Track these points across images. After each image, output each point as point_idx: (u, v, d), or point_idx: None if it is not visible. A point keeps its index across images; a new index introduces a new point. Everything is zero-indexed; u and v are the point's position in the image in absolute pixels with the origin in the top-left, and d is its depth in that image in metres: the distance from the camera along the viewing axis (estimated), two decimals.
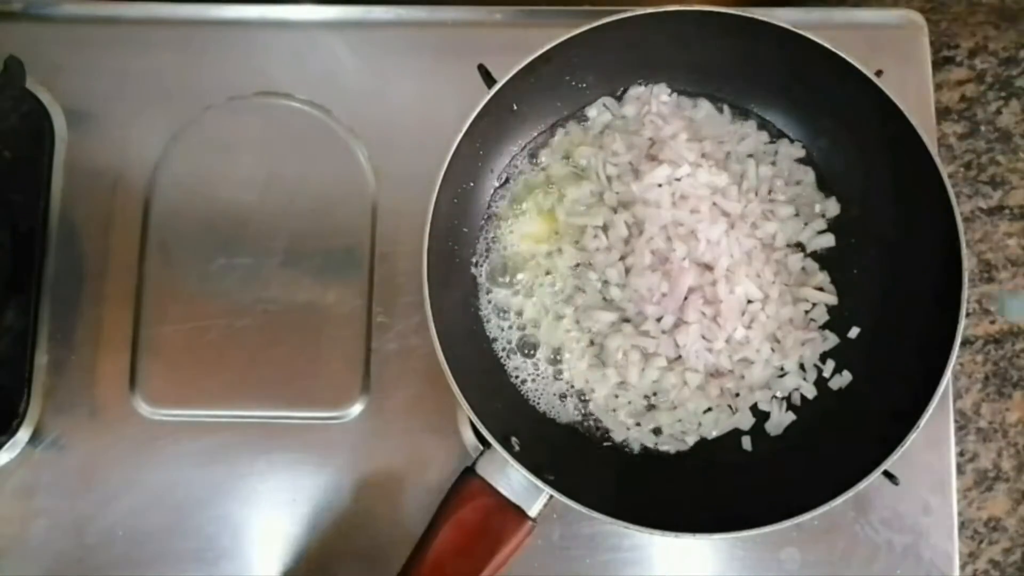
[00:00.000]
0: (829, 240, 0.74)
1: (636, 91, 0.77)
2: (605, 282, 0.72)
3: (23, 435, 0.73)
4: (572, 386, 0.72)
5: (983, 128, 0.82)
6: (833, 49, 0.67)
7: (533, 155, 0.76)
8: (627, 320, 0.72)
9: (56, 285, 0.76)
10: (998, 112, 0.82)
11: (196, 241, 0.77)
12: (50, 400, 0.74)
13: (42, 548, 0.72)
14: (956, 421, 0.74)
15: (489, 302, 0.73)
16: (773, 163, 0.75)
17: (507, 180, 0.76)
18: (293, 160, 0.78)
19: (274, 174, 0.78)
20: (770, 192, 0.75)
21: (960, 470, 0.74)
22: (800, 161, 0.76)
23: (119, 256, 0.77)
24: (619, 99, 0.77)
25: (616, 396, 0.71)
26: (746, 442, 0.71)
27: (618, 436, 0.71)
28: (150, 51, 0.80)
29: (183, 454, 0.73)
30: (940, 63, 0.83)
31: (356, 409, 0.74)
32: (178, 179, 0.78)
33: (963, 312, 0.63)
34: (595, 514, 0.61)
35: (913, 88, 0.78)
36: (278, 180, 0.78)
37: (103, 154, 0.79)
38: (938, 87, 0.81)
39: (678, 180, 0.72)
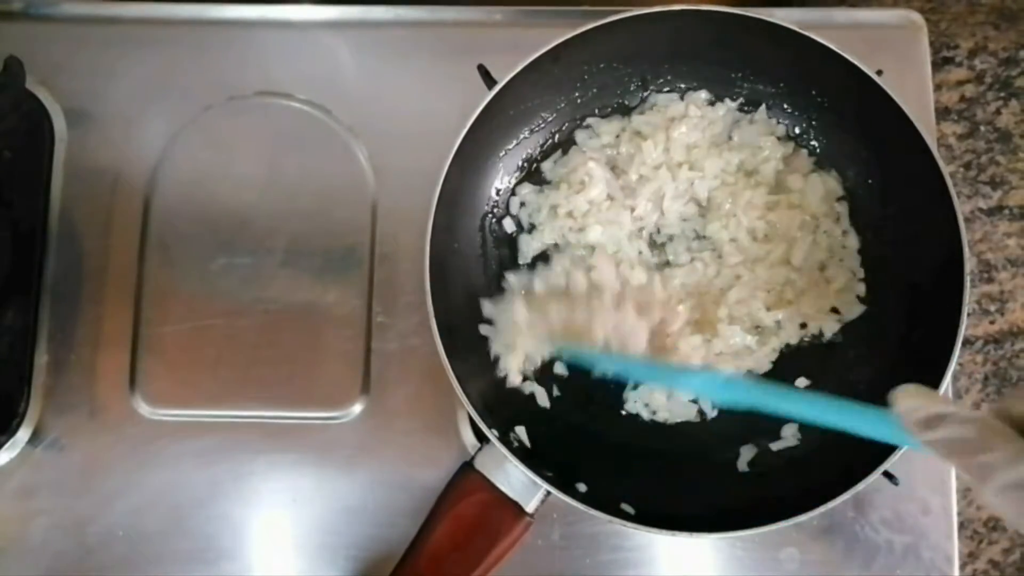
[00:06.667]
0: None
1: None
2: None
3: (23, 435, 0.73)
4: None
5: (983, 128, 0.82)
6: (835, 49, 0.67)
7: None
8: None
9: (56, 285, 0.76)
10: (998, 112, 0.82)
11: (196, 241, 0.77)
12: (50, 400, 0.74)
13: (42, 548, 0.71)
14: None
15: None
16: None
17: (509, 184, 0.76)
18: (293, 160, 0.78)
19: (274, 174, 0.78)
20: None
21: None
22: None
23: (119, 256, 0.77)
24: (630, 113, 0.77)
25: None
26: (746, 451, 0.71)
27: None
28: (150, 51, 0.80)
29: (183, 454, 0.73)
30: (939, 63, 0.83)
31: (356, 409, 0.74)
32: (178, 179, 0.78)
33: (964, 313, 0.63)
34: (593, 511, 0.61)
35: (912, 88, 0.78)
36: (278, 180, 0.78)
37: (103, 154, 0.79)
38: (937, 87, 0.81)
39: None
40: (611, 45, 0.72)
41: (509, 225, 0.76)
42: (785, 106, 0.76)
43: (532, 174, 0.77)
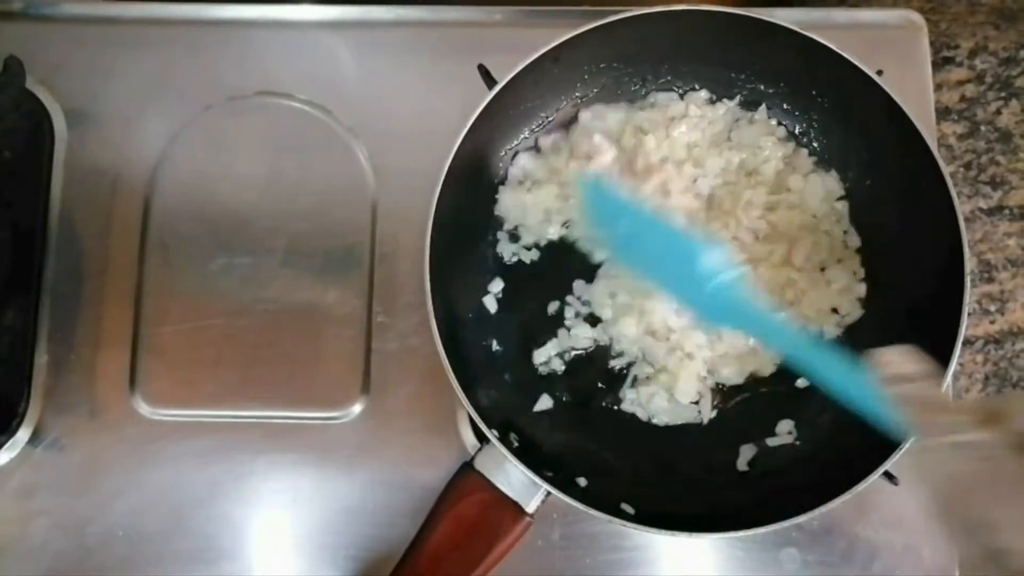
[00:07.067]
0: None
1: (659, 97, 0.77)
2: None
3: (23, 435, 0.73)
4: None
5: (983, 128, 0.82)
6: (836, 49, 0.67)
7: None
8: None
9: (56, 285, 0.76)
10: (998, 112, 0.82)
11: (196, 241, 0.77)
12: (50, 400, 0.74)
13: (42, 548, 0.71)
14: None
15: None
16: None
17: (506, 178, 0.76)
18: (293, 160, 0.78)
19: (274, 174, 0.78)
20: None
21: None
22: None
23: (119, 256, 0.77)
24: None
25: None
26: (746, 450, 0.71)
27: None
28: (150, 51, 0.80)
29: (183, 454, 0.73)
30: (940, 63, 0.83)
31: (356, 409, 0.74)
32: (178, 179, 0.78)
33: (965, 314, 0.63)
34: (592, 511, 0.61)
35: (913, 88, 0.78)
36: (278, 180, 0.78)
37: (103, 154, 0.79)
38: (938, 87, 0.81)
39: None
40: (611, 45, 0.72)
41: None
42: (785, 106, 0.76)
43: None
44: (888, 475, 0.63)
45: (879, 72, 0.67)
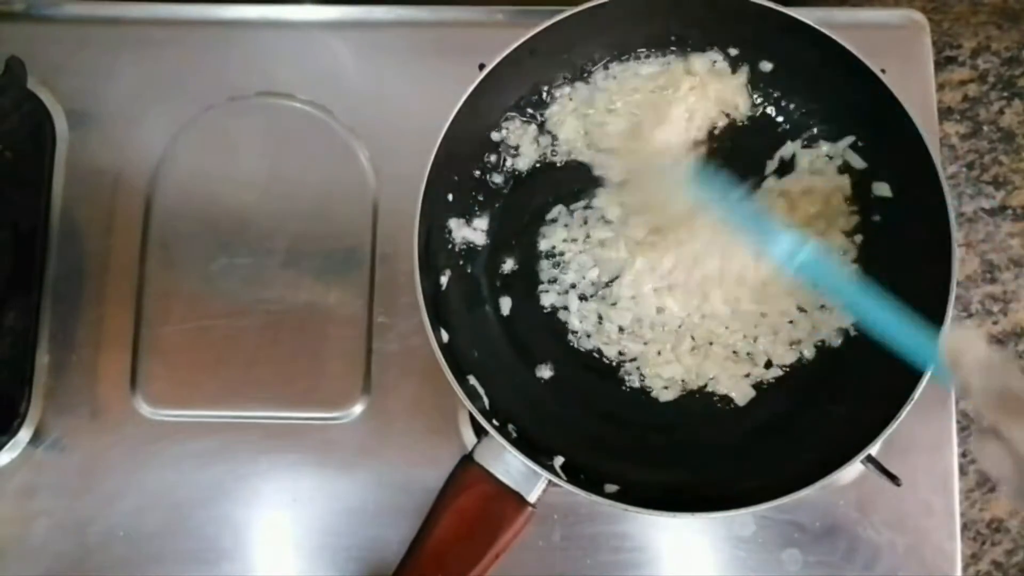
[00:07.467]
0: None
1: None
2: None
3: (24, 435, 0.73)
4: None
5: (986, 128, 0.82)
6: (844, 44, 0.66)
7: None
8: None
9: (57, 285, 0.76)
10: (1000, 112, 0.82)
11: (197, 241, 0.77)
12: (51, 400, 0.74)
13: (42, 548, 0.72)
14: (959, 422, 0.74)
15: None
16: None
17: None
18: (294, 160, 0.79)
19: (275, 174, 0.78)
20: None
21: (962, 471, 0.74)
22: None
23: (120, 256, 0.77)
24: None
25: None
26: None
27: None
28: (151, 51, 0.81)
29: (184, 454, 0.73)
30: (942, 63, 0.83)
31: (357, 409, 0.74)
32: (179, 179, 0.78)
33: (950, 307, 0.62)
34: (593, 497, 0.61)
35: (915, 88, 0.78)
36: (279, 180, 0.78)
37: (104, 154, 0.79)
38: (940, 87, 0.81)
39: None
40: (609, 27, 0.72)
41: None
42: (783, 103, 0.75)
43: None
44: (890, 476, 0.63)
45: (882, 71, 0.67)
